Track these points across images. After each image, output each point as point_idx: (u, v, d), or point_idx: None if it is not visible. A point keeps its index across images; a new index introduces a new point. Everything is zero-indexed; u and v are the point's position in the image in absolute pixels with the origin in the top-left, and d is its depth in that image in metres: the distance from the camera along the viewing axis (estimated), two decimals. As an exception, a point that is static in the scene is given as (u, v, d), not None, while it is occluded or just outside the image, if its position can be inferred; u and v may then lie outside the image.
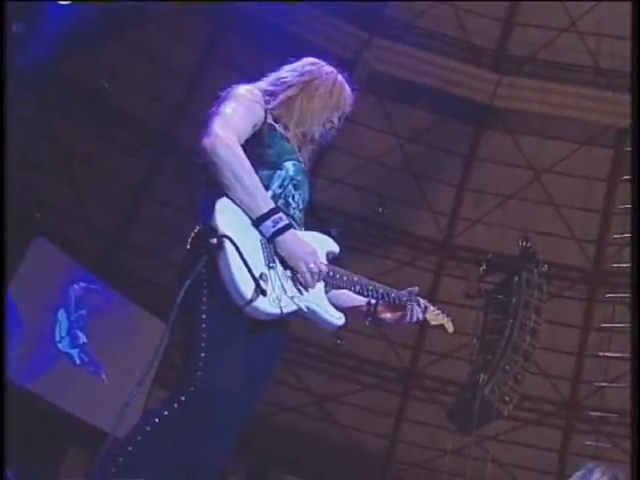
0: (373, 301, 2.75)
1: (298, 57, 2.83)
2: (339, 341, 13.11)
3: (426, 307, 2.84)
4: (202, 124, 2.48)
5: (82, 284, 11.58)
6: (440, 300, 12.35)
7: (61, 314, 11.33)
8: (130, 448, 2.21)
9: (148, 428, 2.23)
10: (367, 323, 2.77)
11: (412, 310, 2.74)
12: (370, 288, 2.69)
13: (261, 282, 2.30)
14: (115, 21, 9.58)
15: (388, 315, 2.76)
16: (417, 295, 2.80)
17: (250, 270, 2.28)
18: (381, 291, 2.71)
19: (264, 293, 2.29)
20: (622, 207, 11.83)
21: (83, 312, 11.56)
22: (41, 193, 12.24)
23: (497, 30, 12.59)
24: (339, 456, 13.39)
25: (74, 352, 11.43)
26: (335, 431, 13.85)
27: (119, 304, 12.13)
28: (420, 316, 2.77)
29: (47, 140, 12.24)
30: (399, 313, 2.76)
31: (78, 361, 11.46)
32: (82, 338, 11.51)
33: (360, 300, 2.75)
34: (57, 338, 11.28)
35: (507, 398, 9.57)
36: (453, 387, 12.80)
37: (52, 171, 12.42)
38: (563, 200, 12.88)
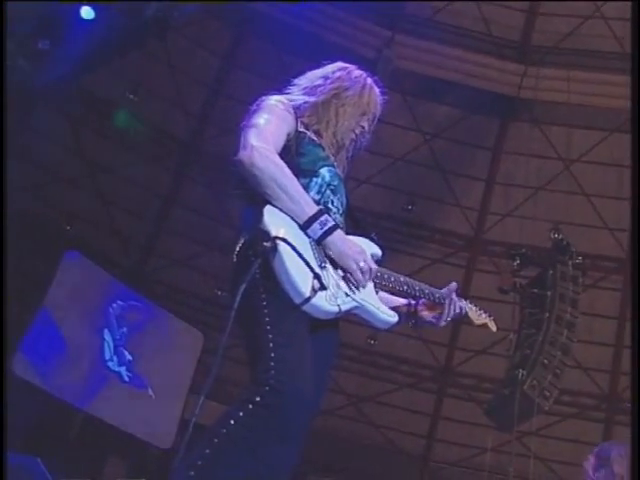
0: (413, 302, 2.76)
1: (320, 58, 2.81)
2: (372, 341, 13.06)
3: (461, 306, 2.83)
4: (236, 137, 2.48)
5: (120, 302, 11.76)
6: (473, 296, 12.19)
7: (107, 334, 11.52)
8: (208, 451, 2.20)
9: (224, 430, 2.21)
10: (410, 325, 2.78)
11: (451, 306, 2.74)
12: (417, 289, 2.71)
13: (321, 277, 2.34)
14: (137, 32, 9.63)
15: (428, 314, 2.77)
16: (456, 291, 2.81)
17: (310, 266, 2.32)
18: (427, 291, 2.73)
19: (324, 287, 2.32)
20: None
21: (124, 330, 11.74)
22: (70, 206, 12.36)
23: (520, 21, 12.45)
24: (376, 457, 13.33)
25: (122, 370, 11.63)
26: (372, 432, 13.79)
27: (155, 317, 12.25)
28: (457, 310, 2.77)
29: (74, 153, 12.36)
30: (439, 311, 2.76)
31: (126, 378, 11.65)
32: (127, 356, 11.71)
33: (400, 301, 2.76)
34: (107, 357, 11.47)
35: (547, 393, 9.44)
36: (489, 384, 12.69)
37: (80, 184, 12.54)
38: (594, 189, 12.70)
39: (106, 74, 11.40)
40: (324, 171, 2.56)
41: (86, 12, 8.58)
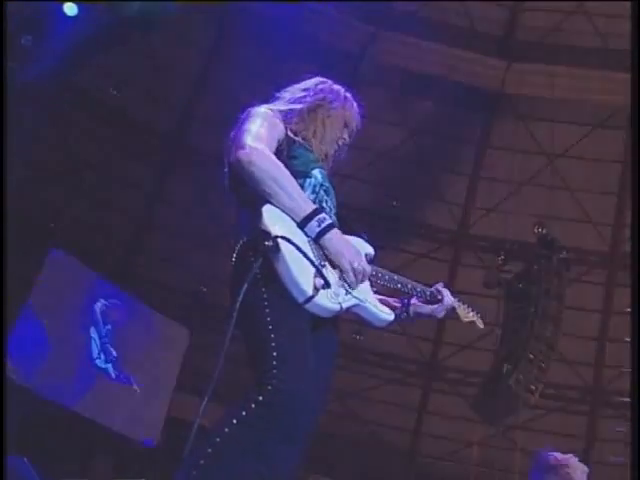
0: (405, 300, 2.83)
1: (304, 54, 2.85)
2: (358, 337, 13.07)
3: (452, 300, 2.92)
4: (222, 136, 2.53)
5: (105, 299, 11.77)
6: (458, 291, 12.15)
7: (93, 331, 11.52)
8: (210, 450, 2.21)
9: (226, 430, 2.22)
10: (403, 318, 2.83)
11: (444, 302, 2.84)
12: (409, 286, 2.79)
13: (324, 275, 2.35)
14: (121, 28, 9.57)
15: (423, 307, 2.84)
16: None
17: (313, 263, 2.33)
18: (419, 289, 2.81)
19: (328, 285, 2.34)
20: (638, 188, 11.68)
21: (109, 327, 11.73)
22: (54, 203, 12.29)
23: (504, 16, 12.48)
24: (363, 452, 13.36)
25: (109, 367, 11.65)
26: (358, 427, 13.82)
27: (140, 314, 12.26)
28: (448, 306, 2.87)
29: (58, 150, 12.28)
30: (429, 307, 2.85)
31: (113, 375, 11.66)
32: (113, 352, 11.69)
33: (391, 299, 2.81)
34: (95, 355, 11.46)
35: (533, 387, 9.52)
36: (475, 378, 12.73)
37: (64, 181, 12.46)
38: (578, 184, 12.77)
39: (90, 70, 11.34)
40: (316, 172, 2.61)
41: (69, 8, 8.53)
